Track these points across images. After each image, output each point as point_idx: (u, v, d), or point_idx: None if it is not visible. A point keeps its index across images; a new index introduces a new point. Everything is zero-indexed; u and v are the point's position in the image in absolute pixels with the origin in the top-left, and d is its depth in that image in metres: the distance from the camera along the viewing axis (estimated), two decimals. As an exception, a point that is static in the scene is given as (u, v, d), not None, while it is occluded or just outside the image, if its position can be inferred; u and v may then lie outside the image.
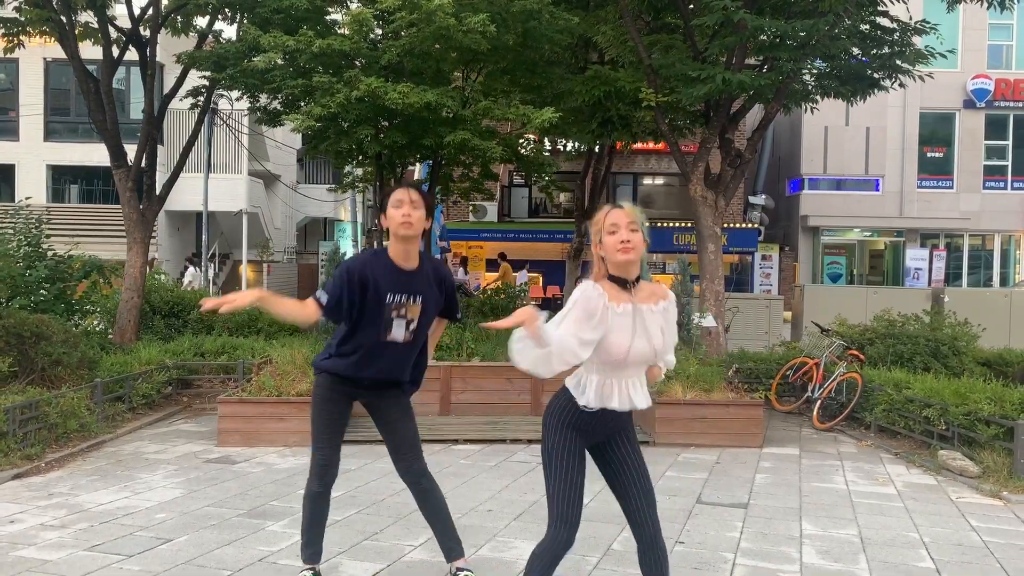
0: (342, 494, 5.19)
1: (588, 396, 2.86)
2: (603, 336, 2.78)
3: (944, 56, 10.01)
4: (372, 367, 3.40)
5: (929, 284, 22.21)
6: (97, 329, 10.19)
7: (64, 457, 6.34)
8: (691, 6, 10.19)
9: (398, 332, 3.33)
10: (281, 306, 3.34)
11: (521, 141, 13.37)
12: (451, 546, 3.72)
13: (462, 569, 3.69)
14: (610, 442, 2.99)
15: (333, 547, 4.34)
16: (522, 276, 17.35)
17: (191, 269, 20.86)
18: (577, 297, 2.80)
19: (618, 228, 2.80)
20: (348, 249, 26.58)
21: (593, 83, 10.71)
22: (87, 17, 10.71)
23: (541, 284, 20.23)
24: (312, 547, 3.71)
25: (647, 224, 2.89)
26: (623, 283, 2.85)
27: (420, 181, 15.49)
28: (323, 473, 3.58)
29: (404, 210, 3.29)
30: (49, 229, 10.01)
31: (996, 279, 24.46)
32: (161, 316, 11.19)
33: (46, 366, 7.21)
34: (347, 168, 15.11)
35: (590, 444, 2.99)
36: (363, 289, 3.30)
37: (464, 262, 19.46)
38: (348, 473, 5.83)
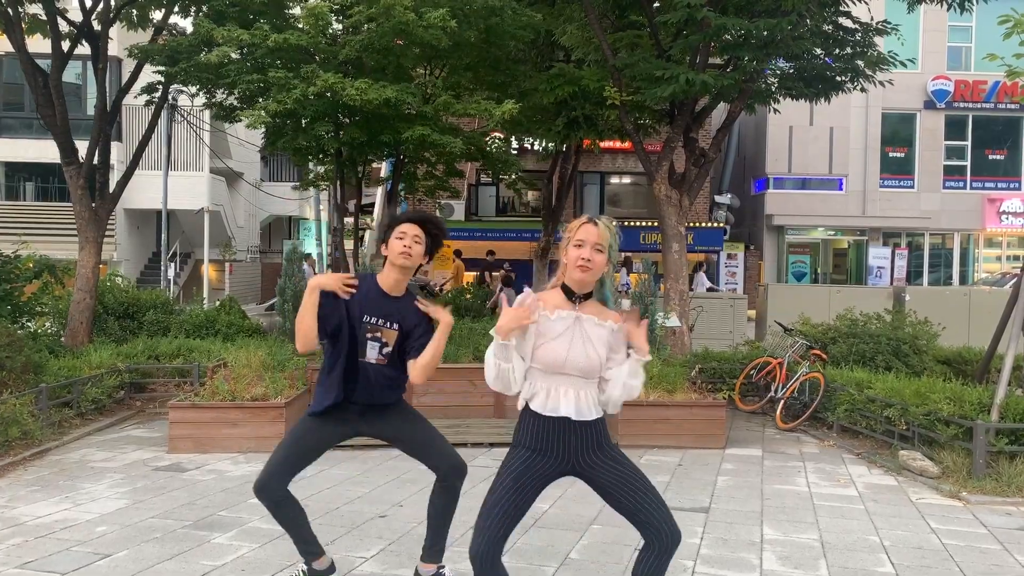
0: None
1: (523, 394, 2.87)
2: (536, 343, 2.82)
3: (904, 64, 10.08)
4: (352, 388, 3.47)
5: (891, 282, 22.52)
6: (48, 331, 9.86)
7: (4, 466, 6.07)
8: (656, 4, 10.14)
9: (371, 353, 3.47)
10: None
11: (487, 140, 13.25)
12: (428, 546, 3.72)
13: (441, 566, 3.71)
14: (588, 465, 2.86)
15: (283, 559, 4.19)
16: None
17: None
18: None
19: (584, 244, 2.82)
20: (312, 248, 26.22)
21: (557, 81, 10.61)
22: (36, 9, 10.36)
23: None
24: (299, 545, 3.66)
25: (618, 241, 2.88)
26: (570, 294, 2.88)
27: (384, 179, 15.26)
28: (259, 488, 3.46)
29: (406, 242, 3.44)
30: (2, 228, 9.68)
31: (956, 277, 24.89)
32: (115, 317, 10.88)
33: (-13, 371, 6.93)
34: (309, 165, 14.87)
35: (562, 469, 2.86)
36: (344, 307, 3.43)
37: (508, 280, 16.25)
38: (303, 480, 5.63)
